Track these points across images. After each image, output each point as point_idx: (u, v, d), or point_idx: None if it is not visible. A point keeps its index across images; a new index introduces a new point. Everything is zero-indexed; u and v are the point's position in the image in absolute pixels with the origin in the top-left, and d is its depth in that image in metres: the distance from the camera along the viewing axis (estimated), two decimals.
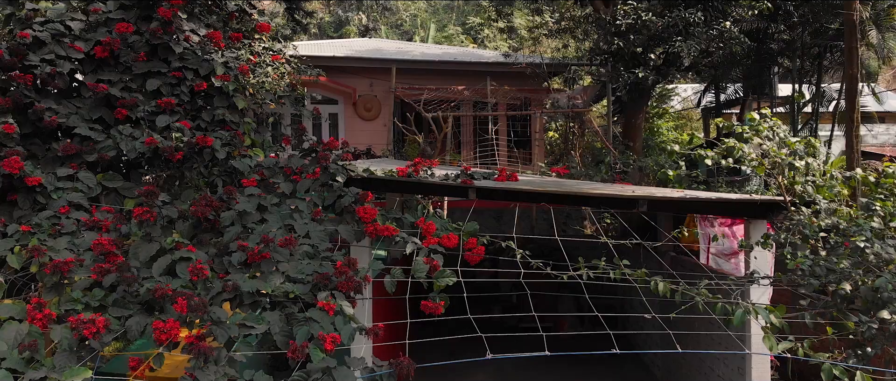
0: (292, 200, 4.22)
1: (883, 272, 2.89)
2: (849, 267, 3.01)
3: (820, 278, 3.12)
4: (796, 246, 3.78)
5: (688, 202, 4.29)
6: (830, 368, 2.62)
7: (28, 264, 3.39)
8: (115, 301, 3.08)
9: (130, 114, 4.45)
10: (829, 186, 3.78)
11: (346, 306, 3.07)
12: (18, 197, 3.83)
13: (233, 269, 3.36)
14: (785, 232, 3.93)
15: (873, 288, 2.78)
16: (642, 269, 3.48)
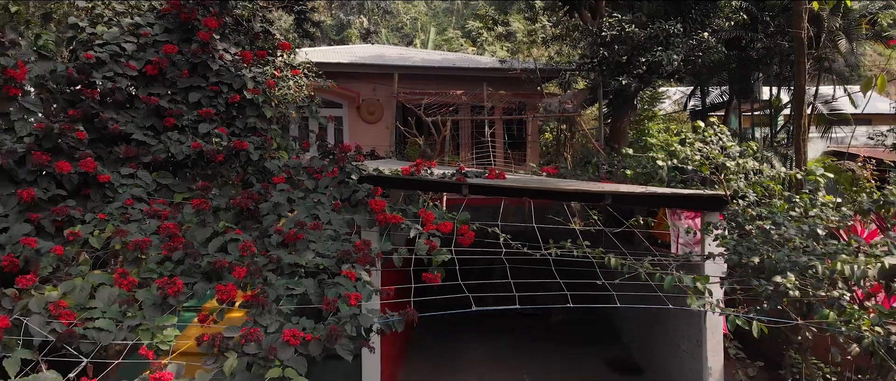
0: (315, 194, 5.10)
1: (782, 248, 3.74)
2: (760, 245, 3.87)
3: (740, 254, 3.99)
4: (733, 231, 4.65)
5: (647, 196, 5.16)
6: (734, 318, 3.50)
7: (105, 245, 4.28)
8: (182, 272, 3.97)
9: (177, 122, 5.34)
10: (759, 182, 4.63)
11: (364, 274, 3.96)
12: (91, 191, 4.72)
13: (272, 248, 4.25)
14: (728, 221, 4.82)
15: (774, 260, 3.63)
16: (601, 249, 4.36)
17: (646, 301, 4.63)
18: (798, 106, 7.06)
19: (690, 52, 10.39)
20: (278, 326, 3.30)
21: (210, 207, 4.44)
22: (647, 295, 4.59)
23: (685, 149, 4.72)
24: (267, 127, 5.77)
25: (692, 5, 10.60)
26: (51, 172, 4.52)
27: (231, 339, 3.18)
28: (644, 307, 7.26)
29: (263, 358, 3.06)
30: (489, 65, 15.17)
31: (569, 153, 11.48)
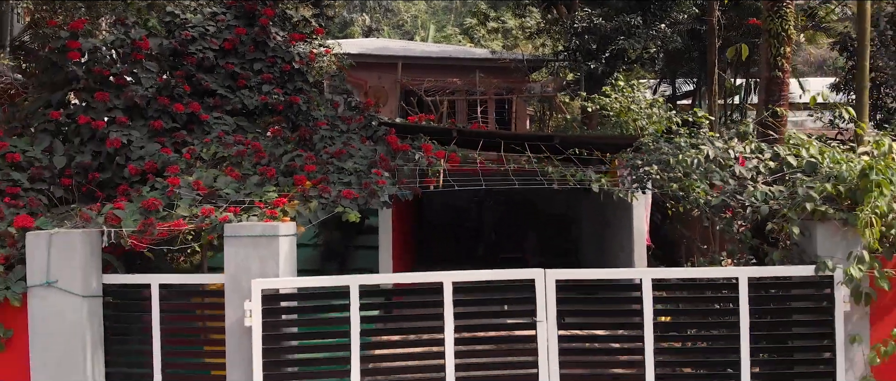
0: (348, 134, 7.37)
1: (673, 168, 5.84)
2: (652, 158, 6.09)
3: (637, 168, 6.19)
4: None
5: (583, 138, 7.38)
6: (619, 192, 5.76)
7: (211, 157, 6.52)
8: (261, 172, 6.22)
9: (246, 83, 7.61)
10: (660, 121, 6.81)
11: (386, 175, 6.22)
12: (195, 127, 6.97)
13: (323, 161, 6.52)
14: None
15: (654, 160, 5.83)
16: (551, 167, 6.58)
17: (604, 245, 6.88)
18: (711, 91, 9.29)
19: (650, 41, 12.68)
20: (338, 191, 5.58)
21: (282, 133, 6.73)
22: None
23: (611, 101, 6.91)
24: (310, 88, 8.04)
25: (653, 1, 12.89)
26: (169, 111, 6.79)
27: (314, 193, 5.45)
28: (601, 245, 9.58)
29: (332, 202, 5.34)
30: (482, 56, 17.50)
31: (548, 129, 13.74)
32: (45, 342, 4.49)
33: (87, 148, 6.41)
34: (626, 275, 4.60)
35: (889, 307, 4.44)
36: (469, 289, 4.50)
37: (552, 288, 4.43)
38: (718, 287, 4.60)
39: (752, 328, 4.41)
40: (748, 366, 4.41)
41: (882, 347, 4.24)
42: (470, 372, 4.41)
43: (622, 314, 4.58)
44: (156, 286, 4.71)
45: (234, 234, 4.49)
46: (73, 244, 4.50)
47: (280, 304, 4.44)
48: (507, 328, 4.50)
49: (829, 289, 4.37)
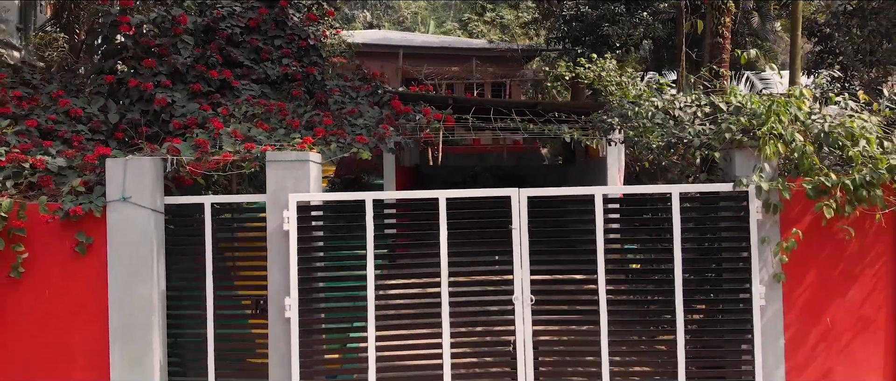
0: (357, 100, 8.62)
1: (631, 119, 7.07)
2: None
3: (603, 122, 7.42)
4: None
5: (563, 104, 8.59)
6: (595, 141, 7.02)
7: (242, 115, 7.75)
8: (286, 125, 7.47)
9: (269, 56, 8.86)
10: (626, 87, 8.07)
11: (393, 131, 7.47)
12: (227, 92, 8.22)
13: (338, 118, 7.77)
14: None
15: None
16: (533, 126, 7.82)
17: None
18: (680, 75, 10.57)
19: (633, 29, 13.95)
20: (352, 138, 6.83)
21: (302, 96, 7.99)
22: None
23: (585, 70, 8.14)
24: (323, 62, 9.30)
25: None
26: (205, 77, 8.04)
27: (332, 139, 6.70)
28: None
29: (348, 144, 6.59)
30: (479, 46, 18.78)
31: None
32: (120, 247, 5.73)
33: (136, 107, 7.66)
34: (582, 192, 5.82)
35: (794, 217, 5.68)
36: (459, 205, 5.75)
37: (524, 203, 5.67)
38: (656, 201, 5.85)
39: (683, 235, 5.65)
40: (680, 266, 5.65)
41: (784, 243, 5.49)
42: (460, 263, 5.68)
43: (579, 223, 5.81)
44: (208, 205, 5.96)
45: (273, 159, 5.73)
46: (143, 168, 5.75)
47: (311, 213, 5.69)
48: (489, 234, 5.75)
49: (745, 202, 5.61)
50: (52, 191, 5.93)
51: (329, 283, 5.79)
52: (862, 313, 5.80)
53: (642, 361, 5.84)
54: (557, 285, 5.84)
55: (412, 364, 5.64)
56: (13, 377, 5.77)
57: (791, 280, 5.72)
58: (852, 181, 5.36)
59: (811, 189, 5.43)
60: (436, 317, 5.64)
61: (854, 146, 5.44)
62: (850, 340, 5.80)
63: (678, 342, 5.61)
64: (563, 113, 8.10)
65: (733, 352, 5.72)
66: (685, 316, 5.64)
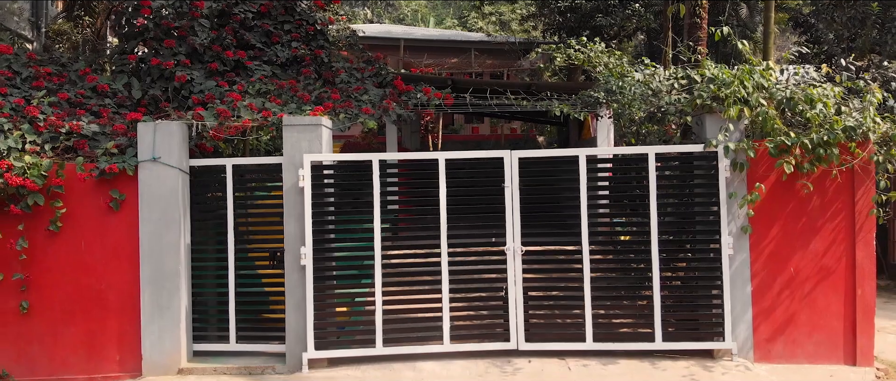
0: (361, 81, 9.28)
1: (615, 93, 7.73)
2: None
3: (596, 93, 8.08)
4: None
5: (554, 84, 9.24)
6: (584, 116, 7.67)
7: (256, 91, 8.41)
8: (297, 100, 8.13)
9: (278, 40, 9.53)
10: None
11: (395, 105, 8.13)
12: (241, 71, 8.88)
13: (345, 95, 8.43)
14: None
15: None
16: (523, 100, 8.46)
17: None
18: None
19: (625, 20, 14.62)
20: (358, 109, 7.49)
21: (311, 74, 8.66)
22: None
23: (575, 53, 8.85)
24: (329, 46, 9.98)
25: None
26: (221, 57, 8.70)
27: (340, 109, 7.36)
28: None
29: (355, 114, 7.25)
30: (478, 39, 19.45)
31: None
32: (151, 202, 6.39)
33: (157, 84, 8.32)
34: (567, 153, 6.48)
35: (760, 175, 6.33)
36: (457, 165, 6.41)
37: (516, 163, 6.33)
38: (634, 160, 6.51)
39: (658, 192, 6.31)
40: (655, 220, 6.30)
41: (748, 196, 6.15)
42: (458, 218, 6.34)
43: (565, 180, 6.46)
44: (230, 166, 6.62)
45: (289, 123, 6.40)
46: (172, 131, 6.41)
47: (323, 172, 6.35)
48: (484, 192, 6.41)
49: (715, 161, 6.27)
50: (87, 153, 6.59)
51: (339, 234, 6.43)
52: (823, 264, 6.45)
53: (621, 304, 6.51)
54: (546, 236, 6.49)
55: (413, 300, 6.33)
56: (54, 319, 6.43)
57: (757, 233, 6.37)
58: (810, 140, 6.01)
59: (773, 148, 6.09)
60: (436, 266, 6.30)
61: (812, 109, 6.09)
62: (812, 287, 6.45)
63: (654, 288, 6.26)
64: (555, 93, 8.75)
65: (704, 297, 6.37)
66: (660, 265, 6.29)
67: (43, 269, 6.45)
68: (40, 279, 6.45)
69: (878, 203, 6.43)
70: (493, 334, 6.32)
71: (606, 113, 8.34)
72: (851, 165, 6.24)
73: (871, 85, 6.51)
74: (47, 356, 6.46)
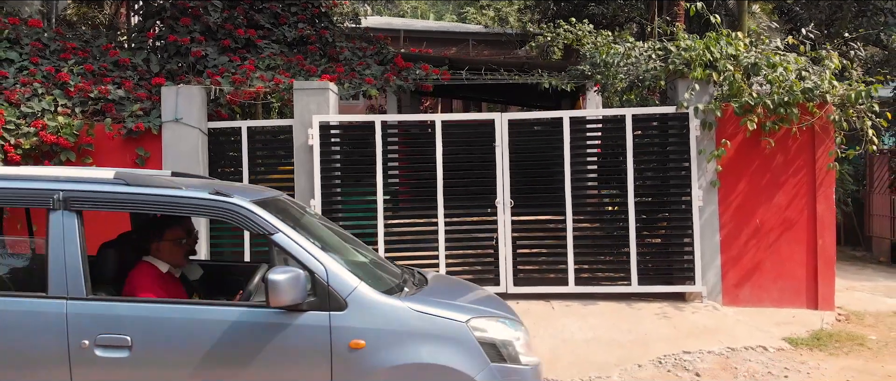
0: (364, 58, 9.98)
1: (599, 66, 8.42)
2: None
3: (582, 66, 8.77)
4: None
5: (546, 62, 9.91)
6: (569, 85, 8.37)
7: (266, 67, 9.11)
8: (304, 72, 8.82)
9: (285, 21, 10.23)
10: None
11: (396, 78, 8.83)
12: (251, 49, 9.59)
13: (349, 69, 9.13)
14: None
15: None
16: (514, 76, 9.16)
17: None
18: None
19: (618, 10, 15.31)
20: (362, 79, 8.19)
21: (317, 49, 9.38)
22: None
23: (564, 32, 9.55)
24: (333, 27, 10.69)
25: None
26: (233, 35, 9.41)
27: (346, 77, 8.05)
28: None
29: (358, 84, 7.95)
30: (476, 30, 20.18)
31: None
32: (173, 159, 7.08)
33: (174, 59, 9.02)
34: (553, 115, 7.18)
35: (728, 135, 7.01)
36: (452, 126, 7.10)
37: (506, 124, 7.03)
38: (613, 121, 7.20)
39: (634, 150, 7.00)
40: (632, 176, 6.99)
41: (715, 152, 6.84)
42: (453, 175, 7.02)
43: (552, 141, 7.15)
44: (245, 128, 7.31)
45: (300, 87, 7.09)
46: (193, 94, 7.10)
47: (330, 131, 7.04)
48: (478, 151, 7.10)
49: (686, 121, 6.96)
50: (114, 115, 7.29)
51: (345, 188, 7.12)
52: (786, 216, 7.14)
53: (602, 253, 7.20)
54: (533, 191, 7.18)
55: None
56: None
57: (726, 187, 7.06)
58: (772, 100, 6.71)
59: (738, 107, 6.78)
60: (433, 225, 6.99)
61: (773, 72, 6.79)
62: (776, 238, 7.14)
63: (630, 237, 6.95)
64: (546, 71, 9.44)
65: (677, 245, 7.06)
66: (636, 217, 6.98)
67: None
68: None
69: (848, 189, 7.10)
70: (484, 280, 7.00)
71: (593, 87, 9.04)
72: (811, 124, 6.92)
73: (830, 53, 7.20)
74: None
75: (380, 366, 3.32)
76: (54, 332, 3.27)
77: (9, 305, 3.38)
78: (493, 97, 16.15)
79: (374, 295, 3.44)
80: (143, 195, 3.49)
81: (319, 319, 3.32)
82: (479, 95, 15.86)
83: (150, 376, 3.29)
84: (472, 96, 16.71)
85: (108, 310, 3.35)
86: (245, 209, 3.47)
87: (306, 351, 3.32)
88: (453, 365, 3.37)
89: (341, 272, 3.42)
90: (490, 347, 3.47)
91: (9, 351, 3.26)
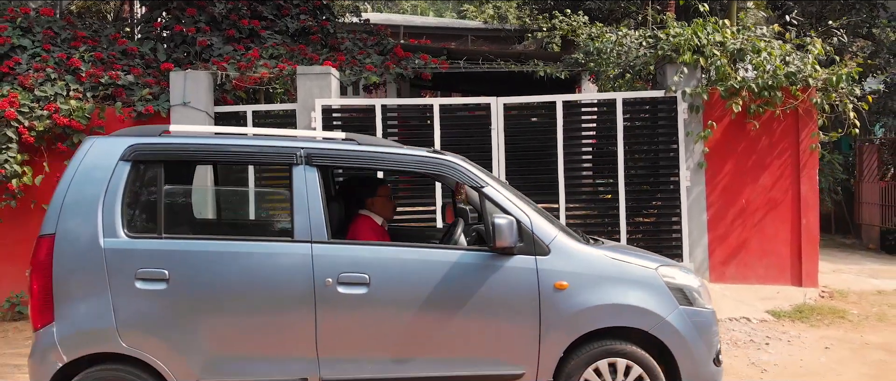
0: (364, 48, 10.29)
1: (592, 54, 8.71)
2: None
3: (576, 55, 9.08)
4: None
5: (542, 53, 10.21)
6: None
7: (269, 56, 9.42)
8: (307, 60, 9.13)
9: (288, 13, 10.54)
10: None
11: (397, 66, 9.13)
12: (255, 39, 9.89)
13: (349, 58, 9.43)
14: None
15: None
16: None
17: None
18: None
19: (614, 4, 15.61)
20: (362, 66, 8.49)
21: (319, 40, 9.69)
22: None
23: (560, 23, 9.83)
24: (333, 19, 11.00)
25: None
26: (237, 25, 9.71)
27: (347, 65, 8.35)
28: None
29: (359, 71, 8.25)
30: (474, 26, 20.49)
31: None
32: None
33: (180, 49, 9.33)
34: (546, 99, 7.48)
35: (715, 118, 7.32)
36: (449, 110, 7.40)
37: (501, 109, 7.33)
38: (605, 105, 7.50)
39: (625, 132, 7.30)
40: (622, 157, 7.30)
41: (702, 133, 7.14)
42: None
43: (545, 124, 7.45)
44: (250, 113, 7.62)
45: (303, 73, 7.40)
46: (200, 79, 7.41)
47: (332, 114, 7.35)
48: (474, 134, 7.40)
49: (675, 104, 7.27)
50: (124, 100, 7.59)
51: None
52: (771, 196, 7.44)
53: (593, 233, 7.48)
54: (529, 173, 7.48)
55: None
56: None
57: (712, 169, 7.37)
58: (756, 84, 7.01)
59: (724, 91, 7.09)
60: (430, 191, 7.30)
61: (758, 57, 7.09)
62: (761, 217, 7.44)
63: (620, 215, 7.25)
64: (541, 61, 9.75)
65: (665, 223, 7.36)
66: (626, 196, 7.28)
67: None
68: None
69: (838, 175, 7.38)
70: None
71: (588, 78, 9.34)
72: (795, 108, 7.23)
73: (813, 39, 7.50)
74: None
75: (582, 305, 3.75)
76: (302, 271, 3.65)
77: (261, 248, 3.78)
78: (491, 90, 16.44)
79: (573, 243, 3.89)
80: (372, 153, 3.94)
81: (527, 262, 3.76)
82: (477, 88, 16.14)
83: (385, 309, 3.69)
84: (471, 89, 16.98)
85: (349, 252, 3.79)
86: (460, 165, 3.95)
87: (518, 290, 3.73)
88: (648, 306, 3.80)
89: (543, 222, 3.89)
90: (678, 291, 3.90)
91: (263, 289, 3.64)
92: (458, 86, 16.32)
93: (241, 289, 3.62)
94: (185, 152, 3.87)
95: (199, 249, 3.71)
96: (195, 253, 3.67)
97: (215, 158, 4.27)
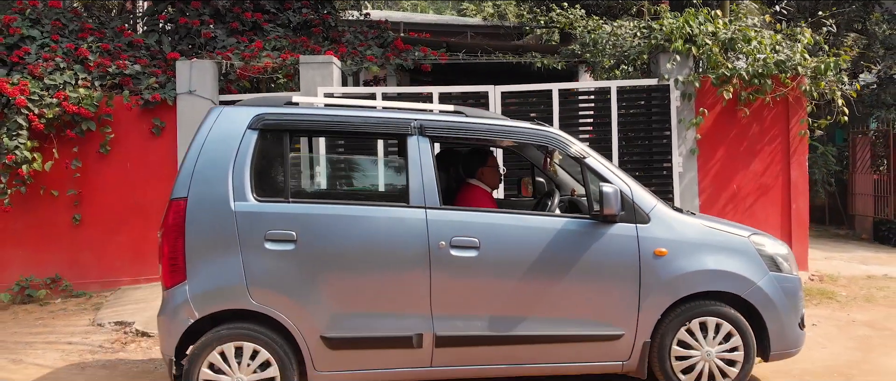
0: (366, 41, 10.51)
1: (589, 45, 8.92)
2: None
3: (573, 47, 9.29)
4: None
5: (542, 45, 10.42)
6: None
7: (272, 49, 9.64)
8: (309, 51, 9.35)
9: (290, 6, 10.77)
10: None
11: (395, 57, 9.34)
12: (258, 32, 10.11)
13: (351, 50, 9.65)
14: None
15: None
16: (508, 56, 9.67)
17: None
18: None
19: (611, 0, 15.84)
20: (363, 57, 8.71)
21: (320, 32, 9.91)
22: None
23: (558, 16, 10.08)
24: (335, 12, 11.22)
25: None
26: (241, 18, 9.93)
27: (348, 56, 8.57)
28: None
29: (360, 60, 8.47)
30: (474, 23, 20.71)
31: None
32: (187, 130, 7.59)
33: (185, 41, 9.55)
34: (543, 87, 7.70)
35: (707, 105, 7.54)
36: (449, 98, 7.61)
37: (499, 97, 7.55)
38: (600, 93, 7.72)
39: (619, 120, 7.51)
40: (616, 143, 7.51)
41: (694, 120, 7.36)
42: None
43: (541, 112, 7.66)
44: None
45: (306, 62, 7.63)
46: (205, 68, 7.63)
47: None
48: None
49: (668, 92, 7.48)
50: (132, 88, 7.81)
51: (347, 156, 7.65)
52: (762, 182, 7.65)
53: None
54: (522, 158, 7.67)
55: None
56: (103, 230, 7.64)
57: (704, 155, 7.58)
58: (747, 71, 7.23)
59: (715, 79, 7.30)
60: None
61: (748, 45, 7.31)
62: (752, 202, 7.65)
63: None
64: (539, 54, 9.97)
65: None
66: None
67: (93, 186, 7.65)
68: (91, 196, 7.65)
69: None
70: None
71: (585, 70, 9.55)
72: (785, 95, 7.44)
73: (803, 29, 7.72)
74: (97, 262, 7.65)
75: (680, 271, 4.00)
76: (417, 235, 3.88)
77: (380, 212, 4.03)
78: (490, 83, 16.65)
79: (671, 212, 4.16)
80: (482, 124, 4.18)
81: (628, 230, 3.99)
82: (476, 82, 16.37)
83: (494, 271, 3.93)
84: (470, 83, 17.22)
85: (461, 217, 4.02)
86: (563, 136, 4.22)
87: (619, 256, 3.98)
88: (741, 272, 4.07)
89: (643, 191, 4.14)
90: (768, 258, 4.17)
91: (382, 250, 3.89)
92: (458, 80, 16.55)
93: (361, 250, 3.85)
94: (308, 122, 4.12)
95: (324, 212, 3.94)
96: (320, 216, 3.89)
97: (336, 129, 4.48)
